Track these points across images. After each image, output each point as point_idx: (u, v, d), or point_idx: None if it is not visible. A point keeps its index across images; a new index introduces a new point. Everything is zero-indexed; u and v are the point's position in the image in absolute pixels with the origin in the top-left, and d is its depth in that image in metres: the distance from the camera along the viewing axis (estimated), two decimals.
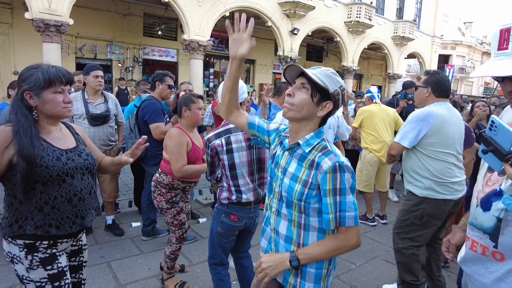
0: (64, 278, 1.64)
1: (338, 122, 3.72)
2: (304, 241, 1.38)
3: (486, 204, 1.18)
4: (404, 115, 5.37)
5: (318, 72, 1.35)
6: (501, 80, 1.17)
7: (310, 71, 1.33)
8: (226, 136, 2.10)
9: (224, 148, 2.08)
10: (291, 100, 1.35)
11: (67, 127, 1.78)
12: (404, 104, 5.19)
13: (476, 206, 1.21)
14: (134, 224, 4.12)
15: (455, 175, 2.45)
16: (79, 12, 11.12)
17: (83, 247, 1.84)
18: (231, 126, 2.13)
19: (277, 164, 1.47)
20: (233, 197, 2.14)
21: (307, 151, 1.35)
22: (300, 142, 1.36)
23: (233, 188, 2.14)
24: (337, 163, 1.26)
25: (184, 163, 2.55)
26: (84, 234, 1.89)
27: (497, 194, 1.14)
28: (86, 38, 12.66)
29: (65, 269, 1.65)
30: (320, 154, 1.31)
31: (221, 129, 2.14)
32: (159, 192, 2.72)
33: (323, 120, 1.40)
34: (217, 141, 2.10)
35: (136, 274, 3.04)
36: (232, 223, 2.18)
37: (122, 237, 3.78)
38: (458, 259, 1.31)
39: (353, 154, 5.33)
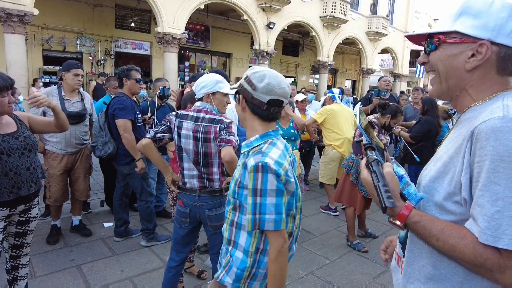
0: None
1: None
2: (236, 239, 1.42)
3: None
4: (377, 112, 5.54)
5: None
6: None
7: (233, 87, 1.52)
8: (180, 120, 2.20)
9: (175, 129, 2.20)
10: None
11: (10, 116, 2.21)
12: (377, 101, 5.30)
13: None
14: (106, 225, 4.01)
15: None
16: (45, 2, 10.56)
17: (31, 219, 2.30)
18: (190, 113, 2.21)
19: None
20: (181, 182, 2.27)
21: (245, 151, 1.42)
22: (242, 144, 1.45)
23: (180, 170, 2.27)
24: (260, 163, 1.26)
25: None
26: (35, 208, 2.33)
27: None
28: (53, 29, 12.05)
29: None
30: (251, 154, 1.36)
31: (182, 112, 2.25)
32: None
33: (261, 116, 1.39)
34: (173, 119, 2.23)
35: (108, 277, 2.96)
36: (180, 209, 2.27)
37: (93, 238, 3.66)
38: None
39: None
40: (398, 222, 0.88)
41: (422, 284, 0.95)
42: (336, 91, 5.11)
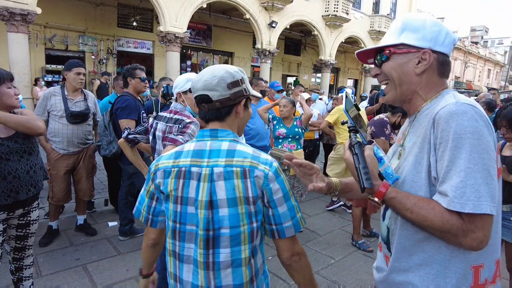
0: None
1: None
2: None
3: (383, 213, 1.19)
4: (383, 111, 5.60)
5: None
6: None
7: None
8: (156, 121, 2.24)
9: (152, 130, 2.24)
10: None
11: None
12: (383, 100, 5.30)
13: (381, 217, 1.22)
14: (110, 224, 4.01)
15: None
16: (47, 1, 10.57)
17: (32, 222, 2.27)
18: (165, 114, 2.24)
19: None
20: None
21: None
22: None
23: None
24: None
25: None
26: (36, 211, 2.28)
27: None
28: (56, 28, 12.06)
29: None
30: None
31: (160, 113, 2.28)
32: None
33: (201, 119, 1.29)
34: (151, 120, 2.28)
35: (114, 276, 2.96)
36: None
37: (98, 237, 3.66)
38: (375, 264, 1.28)
39: (329, 148, 5.54)
40: (376, 199, 0.99)
41: (412, 273, 1.03)
42: (349, 91, 5.13)
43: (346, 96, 1.12)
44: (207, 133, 1.20)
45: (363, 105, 7.10)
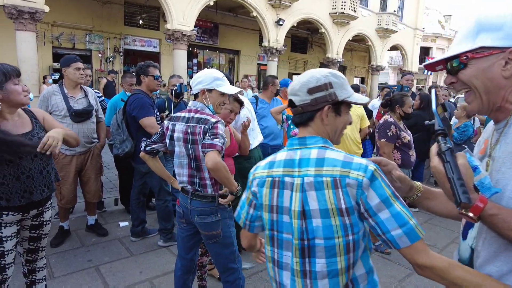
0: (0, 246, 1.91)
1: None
2: None
3: (464, 231, 1.09)
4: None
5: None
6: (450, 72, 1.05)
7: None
8: (173, 122, 2.11)
9: (169, 132, 2.11)
10: None
11: (27, 113, 2.08)
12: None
13: (460, 235, 1.12)
14: (121, 224, 3.95)
15: None
16: None
17: (45, 223, 2.19)
18: (183, 114, 2.11)
19: None
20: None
21: None
22: None
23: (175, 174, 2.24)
24: None
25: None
26: (48, 211, 2.20)
27: (470, 223, 1.05)
28: (63, 26, 12.06)
29: (3, 239, 1.92)
30: None
31: (176, 114, 2.17)
32: None
33: None
34: (167, 123, 2.15)
35: (127, 278, 2.89)
36: (177, 208, 2.26)
37: (110, 238, 3.60)
38: None
39: None
40: (471, 214, 0.85)
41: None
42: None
43: (435, 95, 1.00)
44: (296, 141, 1.20)
45: (374, 103, 6.95)
